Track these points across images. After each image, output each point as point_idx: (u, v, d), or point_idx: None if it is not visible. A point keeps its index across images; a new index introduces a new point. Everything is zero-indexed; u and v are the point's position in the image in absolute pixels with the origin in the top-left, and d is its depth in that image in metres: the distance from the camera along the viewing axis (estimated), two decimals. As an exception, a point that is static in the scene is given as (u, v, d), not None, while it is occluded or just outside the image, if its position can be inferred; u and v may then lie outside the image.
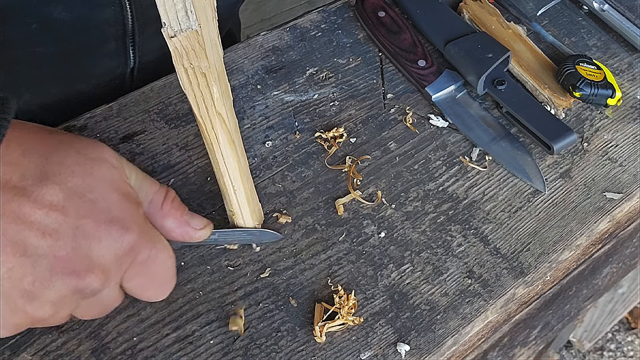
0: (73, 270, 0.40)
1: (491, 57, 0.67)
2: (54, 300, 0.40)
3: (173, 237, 0.48)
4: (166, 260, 0.46)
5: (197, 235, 0.49)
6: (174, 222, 0.48)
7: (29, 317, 0.40)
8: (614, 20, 0.75)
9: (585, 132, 0.67)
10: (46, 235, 0.38)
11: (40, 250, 0.38)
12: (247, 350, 0.52)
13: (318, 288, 0.56)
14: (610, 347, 1.76)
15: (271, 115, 0.66)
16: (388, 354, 0.53)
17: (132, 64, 0.70)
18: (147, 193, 0.46)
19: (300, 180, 0.62)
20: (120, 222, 0.42)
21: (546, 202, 0.62)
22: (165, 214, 0.47)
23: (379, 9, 0.73)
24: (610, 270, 0.91)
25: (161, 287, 0.47)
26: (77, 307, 0.43)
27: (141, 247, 0.43)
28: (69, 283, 0.40)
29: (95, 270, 0.41)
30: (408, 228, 0.59)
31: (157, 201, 0.47)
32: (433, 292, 0.56)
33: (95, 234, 0.40)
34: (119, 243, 0.41)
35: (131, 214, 0.43)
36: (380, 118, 0.67)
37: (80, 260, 0.40)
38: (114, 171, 0.43)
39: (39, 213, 0.38)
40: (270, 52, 0.71)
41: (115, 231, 0.41)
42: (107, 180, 0.42)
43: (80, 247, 0.40)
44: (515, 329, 0.71)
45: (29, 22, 0.60)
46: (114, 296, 0.44)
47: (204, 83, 0.45)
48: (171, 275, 0.47)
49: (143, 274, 0.44)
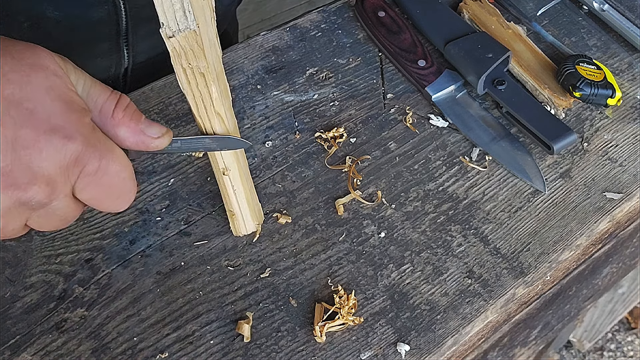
0: (14, 183, 0.38)
1: (491, 57, 0.67)
2: (2, 212, 0.38)
3: (128, 146, 0.45)
4: (120, 170, 0.43)
5: (154, 144, 0.46)
6: (127, 130, 0.44)
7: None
8: (614, 20, 0.75)
9: (585, 132, 0.67)
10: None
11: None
12: (247, 350, 0.52)
13: (318, 288, 0.56)
14: (610, 347, 1.76)
15: (271, 115, 0.66)
16: (388, 354, 0.53)
17: (126, 64, 0.70)
18: (97, 101, 0.43)
19: (300, 180, 0.62)
20: (62, 131, 0.39)
21: (546, 202, 0.62)
22: (117, 122, 0.44)
23: (379, 9, 0.73)
24: (610, 270, 0.91)
25: (119, 198, 0.45)
26: (30, 219, 0.41)
27: (88, 157, 0.41)
28: (11, 195, 0.38)
29: (37, 182, 0.39)
30: (408, 228, 0.59)
31: (107, 109, 0.43)
32: (433, 292, 0.56)
33: (35, 145, 0.38)
34: (61, 153, 0.39)
35: (75, 123, 0.40)
36: (380, 118, 0.67)
37: (21, 172, 0.38)
38: (55, 78, 0.40)
39: None
40: (270, 52, 0.71)
41: (56, 141, 0.39)
42: (46, 87, 0.40)
43: (20, 159, 0.38)
44: (515, 329, 0.71)
45: (21, 21, 0.59)
46: (68, 207, 0.42)
47: (203, 83, 0.45)
48: (129, 186, 0.45)
49: (95, 185, 0.42)
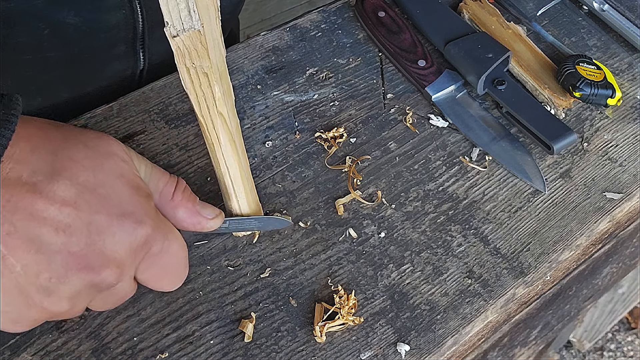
0: (88, 266, 0.40)
1: (491, 57, 0.67)
2: (70, 295, 0.40)
3: (185, 227, 0.48)
4: (179, 250, 0.46)
5: (209, 225, 0.49)
6: (186, 212, 0.47)
7: (46, 311, 0.40)
8: (614, 20, 0.75)
9: (585, 132, 0.67)
10: (60, 231, 0.38)
11: (55, 246, 0.38)
12: (247, 350, 0.52)
13: (318, 288, 0.56)
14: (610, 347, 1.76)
15: (271, 115, 0.66)
16: (388, 354, 0.53)
17: (142, 66, 0.71)
18: (157, 184, 0.46)
19: (300, 180, 0.62)
20: (132, 215, 0.41)
21: (546, 202, 0.62)
22: (176, 204, 0.47)
23: (379, 9, 0.73)
24: (610, 270, 0.91)
25: (175, 277, 0.48)
26: (93, 299, 0.43)
27: (154, 239, 0.43)
28: (84, 278, 0.40)
29: (110, 265, 0.41)
30: (408, 228, 0.59)
31: (167, 192, 0.46)
32: (433, 292, 0.56)
33: (109, 229, 0.40)
34: (132, 237, 0.41)
35: (143, 207, 0.43)
36: (380, 118, 0.67)
37: (95, 256, 0.40)
38: (124, 164, 0.43)
39: (52, 209, 0.38)
40: (270, 52, 0.71)
41: (128, 225, 0.41)
42: (117, 173, 0.42)
43: (94, 243, 0.40)
44: (515, 329, 0.71)
45: (41, 28, 0.60)
46: (129, 288, 0.44)
47: (206, 83, 0.45)
48: (184, 265, 0.48)
49: (157, 265, 0.44)
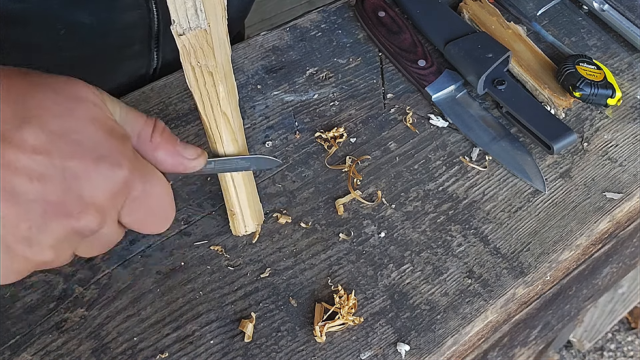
0: (67, 212, 0.39)
1: (491, 57, 0.67)
2: (53, 243, 0.39)
3: (166, 168, 0.46)
4: (162, 192, 0.45)
5: (192, 165, 0.47)
6: (166, 153, 0.45)
7: (30, 262, 0.39)
8: (614, 20, 0.75)
9: (585, 132, 0.67)
10: (34, 179, 0.37)
11: (31, 195, 0.37)
12: (247, 350, 0.52)
13: (318, 288, 0.56)
14: (610, 347, 1.76)
15: (271, 115, 0.66)
16: (388, 354, 0.53)
17: (155, 65, 0.71)
18: (134, 126, 0.44)
19: (300, 180, 0.62)
20: (109, 158, 0.40)
21: (546, 202, 0.62)
22: (155, 145, 0.45)
23: (379, 9, 0.73)
24: (610, 270, 0.91)
25: (161, 219, 0.46)
26: (78, 247, 0.42)
27: (134, 181, 0.42)
28: (65, 225, 0.39)
29: (89, 210, 0.40)
30: (408, 228, 0.59)
31: (145, 134, 0.45)
32: (433, 292, 0.56)
33: (85, 174, 0.39)
34: (110, 180, 0.40)
35: (119, 150, 0.41)
36: (380, 118, 0.67)
37: (73, 202, 0.39)
38: (96, 108, 0.41)
39: (23, 157, 0.37)
40: (270, 52, 0.71)
41: (105, 168, 0.40)
42: (89, 118, 0.41)
43: (71, 189, 0.39)
44: (515, 329, 0.71)
45: (58, 28, 0.60)
46: (114, 233, 0.43)
47: (211, 82, 0.45)
48: (170, 207, 0.46)
49: (140, 208, 0.43)
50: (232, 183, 0.53)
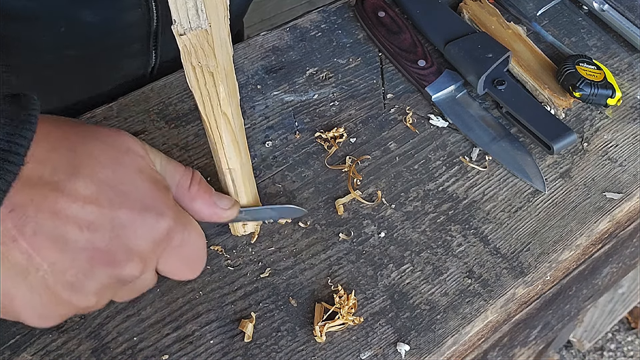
0: (113, 260, 0.40)
1: (491, 57, 0.67)
2: (97, 289, 0.41)
3: (202, 217, 0.48)
4: (198, 240, 0.46)
5: (226, 215, 0.50)
6: (203, 203, 0.48)
7: (73, 306, 0.41)
8: (614, 20, 0.75)
9: (585, 132, 0.67)
10: (83, 228, 0.39)
11: (79, 243, 0.39)
12: (247, 350, 0.52)
13: (318, 288, 0.56)
14: (610, 347, 1.76)
15: (271, 115, 0.66)
16: (388, 354, 0.53)
17: (153, 64, 0.71)
18: (174, 177, 0.46)
19: (300, 180, 0.62)
20: (154, 209, 0.42)
21: (546, 202, 0.62)
22: (193, 196, 0.47)
23: (379, 9, 0.73)
24: (610, 270, 0.91)
25: (195, 266, 0.48)
26: (117, 292, 0.44)
27: (175, 231, 0.44)
28: (110, 273, 0.40)
29: (134, 259, 0.41)
30: (408, 228, 0.59)
31: (184, 184, 0.47)
32: (433, 292, 0.56)
33: (132, 223, 0.41)
34: (155, 230, 0.42)
35: (163, 200, 0.43)
36: (380, 118, 0.67)
37: (119, 250, 0.40)
38: (141, 159, 0.43)
39: (74, 206, 0.39)
40: (270, 52, 0.71)
41: (150, 218, 0.42)
42: (135, 169, 0.42)
43: (118, 237, 0.40)
44: (515, 329, 0.71)
45: (59, 26, 0.61)
46: (151, 279, 0.45)
47: (211, 82, 0.45)
48: (203, 254, 0.48)
49: (177, 256, 0.45)
50: (232, 183, 0.53)
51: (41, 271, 0.38)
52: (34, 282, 0.38)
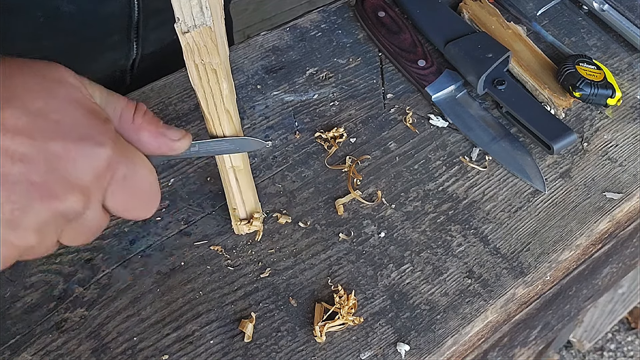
0: (51, 193, 0.38)
1: (491, 57, 0.67)
2: (37, 226, 0.39)
3: (149, 150, 0.45)
4: (147, 175, 0.44)
5: (176, 146, 0.46)
6: (149, 134, 0.45)
7: (14, 247, 0.39)
8: (614, 20, 0.75)
9: (585, 132, 0.67)
10: (16, 160, 0.37)
11: (13, 177, 0.37)
12: (247, 350, 0.52)
13: (318, 288, 0.56)
14: (610, 347, 1.76)
15: (271, 115, 0.66)
16: (388, 354, 0.53)
17: (134, 56, 0.70)
18: (116, 108, 0.44)
19: (300, 180, 0.62)
20: (91, 138, 0.40)
21: (546, 202, 0.62)
22: (138, 127, 0.44)
23: (379, 9, 0.73)
24: (610, 270, 0.91)
25: (145, 204, 0.45)
26: (63, 232, 0.41)
27: (118, 162, 0.41)
28: (49, 206, 0.38)
29: (74, 191, 0.39)
30: (408, 228, 0.59)
31: (127, 115, 0.44)
32: (433, 292, 0.56)
33: (68, 154, 0.39)
34: (93, 160, 0.40)
35: (101, 130, 0.41)
36: (380, 118, 0.67)
37: (57, 183, 0.38)
38: (76, 90, 0.41)
39: (5, 139, 0.37)
40: (270, 52, 0.71)
41: (87, 148, 0.40)
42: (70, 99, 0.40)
43: (54, 169, 0.38)
44: (515, 329, 0.71)
45: (37, 16, 0.60)
46: (98, 218, 0.42)
47: (214, 79, 0.45)
48: (154, 191, 0.45)
49: (124, 191, 0.43)
50: (235, 181, 0.53)
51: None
52: None
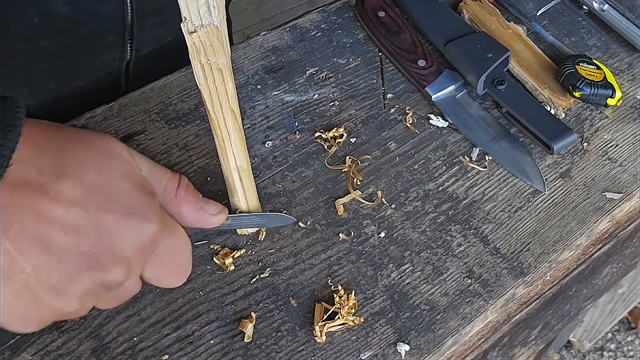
0: (97, 265, 0.40)
1: (491, 57, 0.67)
2: (80, 294, 0.40)
3: (189, 223, 0.48)
4: (184, 247, 0.46)
5: (213, 221, 0.49)
6: (189, 208, 0.47)
7: (55, 311, 0.40)
8: (614, 20, 0.75)
9: (585, 132, 0.67)
10: (68, 231, 0.38)
11: (64, 246, 0.38)
12: (247, 350, 0.52)
13: (318, 288, 0.56)
14: (610, 347, 1.76)
15: (271, 115, 0.66)
16: (388, 354, 0.53)
17: (129, 57, 0.71)
18: (160, 182, 0.46)
19: (300, 180, 0.62)
20: (139, 213, 0.42)
21: (546, 202, 0.62)
22: (179, 200, 0.47)
23: (379, 9, 0.73)
24: (610, 270, 0.91)
25: (180, 273, 0.47)
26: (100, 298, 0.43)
27: (161, 236, 0.43)
28: (94, 277, 0.40)
29: (119, 263, 0.41)
30: (408, 228, 0.59)
31: (170, 189, 0.46)
32: (433, 292, 0.56)
33: (117, 228, 0.40)
34: (140, 234, 0.42)
35: (148, 205, 0.43)
36: (380, 118, 0.67)
37: (104, 255, 0.40)
38: (126, 164, 0.43)
39: (60, 209, 0.38)
40: (270, 52, 0.71)
41: (136, 223, 0.41)
42: (121, 173, 0.42)
43: (103, 242, 0.40)
44: (515, 329, 0.71)
45: (31, 16, 0.60)
46: (135, 285, 0.44)
47: (220, 79, 0.45)
48: (188, 263, 0.48)
49: (163, 262, 0.45)
50: (239, 180, 0.53)
51: (24, 274, 0.37)
52: (17, 284, 0.38)
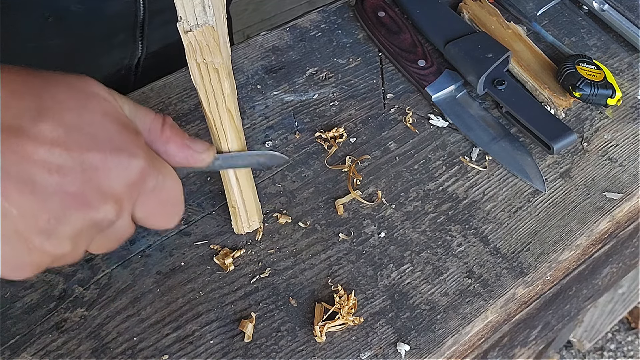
0: (86, 203, 0.39)
1: (491, 57, 0.67)
2: (72, 235, 0.40)
3: (176, 162, 0.47)
4: (174, 185, 0.45)
5: (201, 158, 0.48)
6: (176, 146, 0.46)
7: (47, 254, 0.40)
8: (614, 20, 0.75)
9: (585, 132, 0.67)
10: (52, 171, 0.38)
11: (50, 187, 0.38)
12: (247, 350, 0.52)
13: (318, 288, 0.56)
14: (610, 347, 1.76)
15: (271, 115, 0.66)
16: (388, 354, 0.53)
17: (140, 55, 0.71)
18: (144, 121, 0.45)
19: (300, 180, 0.62)
20: (125, 150, 0.41)
21: (546, 202, 0.62)
22: (166, 139, 0.46)
23: (379, 9, 0.73)
24: (610, 270, 0.91)
25: (171, 214, 0.47)
26: (93, 241, 0.43)
27: (149, 173, 0.43)
28: (83, 216, 0.39)
29: (108, 201, 0.40)
30: (408, 228, 0.59)
31: (155, 128, 0.45)
32: (433, 292, 0.56)
33: (104, 166, 0.40)
34: (128, 170, 0.41)
35: (133, 142, 0.42)
36: (380, 118, 0.67)
37: (92, 193, 0.39)
38: (108, 103, 0.42)
39: (42, 150, 0.37)
40: (270, 52, 0.71)
41: (122, 159, 0.41)
42: (102, 112, 0.41)
43: (89, 180, 0.39)
44: (515, 329, 0.71)
45: (45, 15, 0.60)
46: (127, 226, 0.44)
47: (216, 79, 0.45)
48: (180, 202, 0.47)
49: (153, 201, 0.44)
50: (235, 180, 0.53)
51: (11, 217, 0.37)
52: (5, 229, 0.37)
